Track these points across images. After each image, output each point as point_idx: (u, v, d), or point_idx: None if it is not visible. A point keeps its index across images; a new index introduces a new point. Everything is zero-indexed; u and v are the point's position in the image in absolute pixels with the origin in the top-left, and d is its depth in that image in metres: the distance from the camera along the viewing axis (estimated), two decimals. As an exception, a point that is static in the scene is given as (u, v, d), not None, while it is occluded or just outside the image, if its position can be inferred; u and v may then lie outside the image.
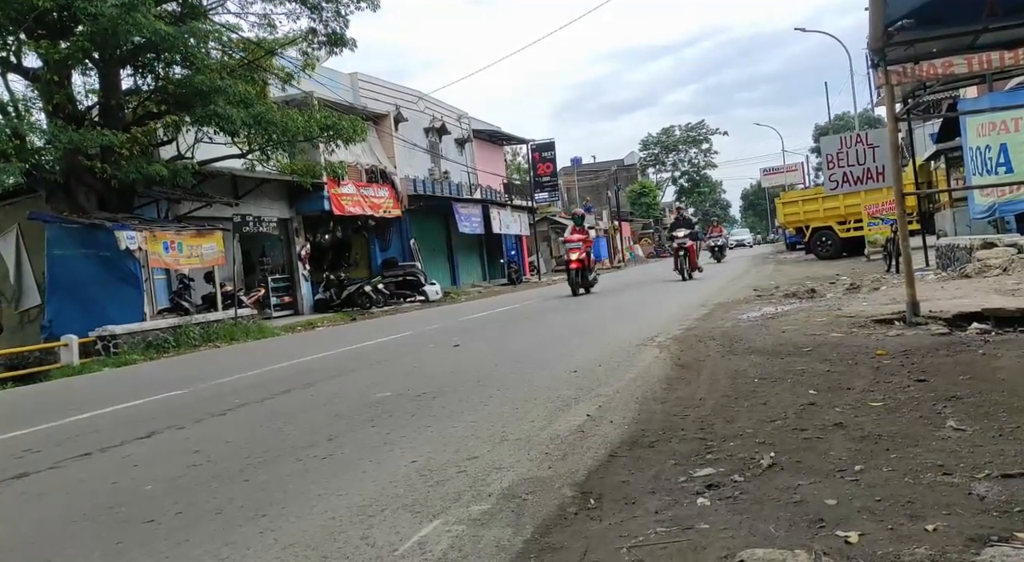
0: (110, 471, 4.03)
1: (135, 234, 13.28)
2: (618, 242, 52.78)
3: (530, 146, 40.97)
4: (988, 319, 5.94)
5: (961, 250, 11.10)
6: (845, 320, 6.93)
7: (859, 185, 7.45)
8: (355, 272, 23.20)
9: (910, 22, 5.99)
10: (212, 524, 2.93)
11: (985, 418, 3.29)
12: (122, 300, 13.39)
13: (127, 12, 11.85)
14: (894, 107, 6.86)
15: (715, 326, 7.67)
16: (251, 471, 3.69)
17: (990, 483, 2.51)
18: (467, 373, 6.31)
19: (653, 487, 2.84)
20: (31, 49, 12.93)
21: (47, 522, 3.21)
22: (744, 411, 3.87)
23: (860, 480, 2.67)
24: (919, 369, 4.45)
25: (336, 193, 20.93)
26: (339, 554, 2.47)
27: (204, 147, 15.61)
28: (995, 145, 10.97)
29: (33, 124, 13.07)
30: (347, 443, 4.09)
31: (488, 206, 31.10)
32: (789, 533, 2.26)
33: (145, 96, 14.76)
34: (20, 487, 3.87)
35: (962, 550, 2.02)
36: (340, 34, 16.51)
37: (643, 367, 5.63)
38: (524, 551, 2.36)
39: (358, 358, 8.51)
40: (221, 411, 5.60)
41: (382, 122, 25.60)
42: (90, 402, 6.92)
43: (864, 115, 45.08)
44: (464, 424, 4.25)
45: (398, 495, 3.04)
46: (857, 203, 20.57)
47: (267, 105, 15.07)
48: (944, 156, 17.89)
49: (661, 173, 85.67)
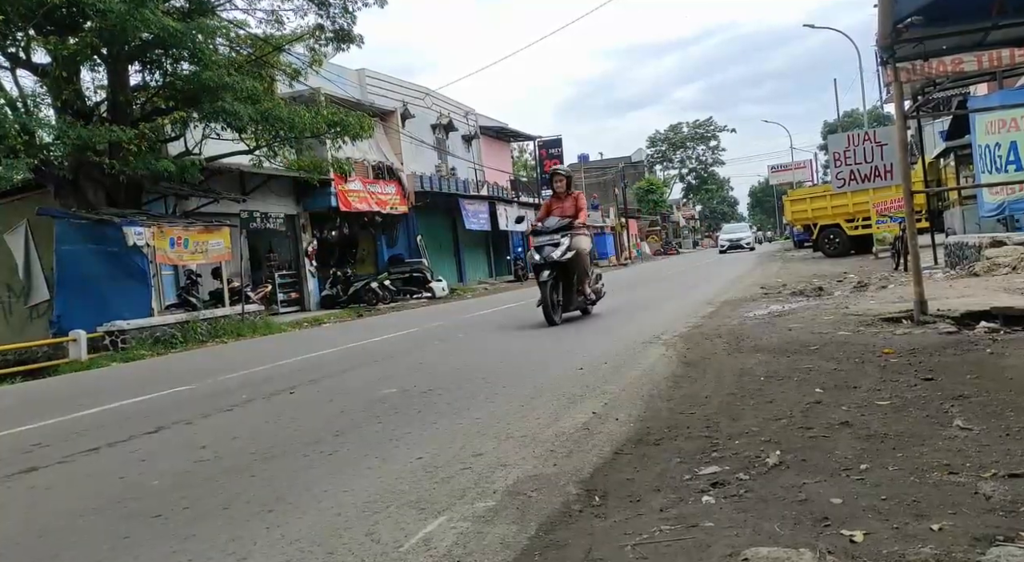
0: (118, 466, 4.06)
1: (143, 230, 13.33)
2: (625, 239, 52.69)
3: (537, 143, 40.96)
4: (997, 318, 5.91)
5: (970, 248, 11.04)
6: (852, 318, 6.91)
7: (866, 183, 7.43)
8: (361, 268, 23.26)
9: (919, 19, 5.95)
10: (218, 519, 2.94)
11: (992, 417, 3.28)
12: (130, 295, 13.46)
13: (135, 8, 11.89)
14: (903, 104, 6.83)
15: (722, 324, 7.66)
16: (257, 467, 3.71)
17: (996, 483, 2.50)
18: (473, 370, 6.31)
19: (658, 485, 2.84)
20: (40, 45, 12.98)
21: (55, 516, 3.23)
22: (750, 409, 3.86)
23: (866, 479, 2.66)
24: (926, 368, 4.43)
25: (343, 189, 20.97)
26: (344, 550, 2.48)
27: (212, 143, 15.65)
28: (1005, 143, 10.91)
29: (42, 120, 13.13)
30: (353, 439, 4.10)
31: (495, 203, 31.11)
32: (794, 532, 2.26)
33: (153, 92, 14.80)
34: (29, 481, 3.89)
35: (967, 549, 2.01)
36: (347, 30, 16.53)
37: (649, 365, 5.63)
38: (528, 548, 2.36)
39: (364, 354, 8.52)
40: (228, 407, 5.62)
41: (389, 118, 25.61)
42: (98, 397, 6.96)
43: (873, 112, 44.92)
44: (469, 421, 4.26)
45: (403, 491, 3.04)
46: (866, 201, 20.50)
47: (274, 101, 15.09)
48: (953, 154, 17.82)
49: (668, 170, 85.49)
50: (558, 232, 9.07)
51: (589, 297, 9.62)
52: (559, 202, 9.57)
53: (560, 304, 9.17)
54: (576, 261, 9.05)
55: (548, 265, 8.85)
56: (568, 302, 9.31)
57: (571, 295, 9.28)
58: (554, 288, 8.96)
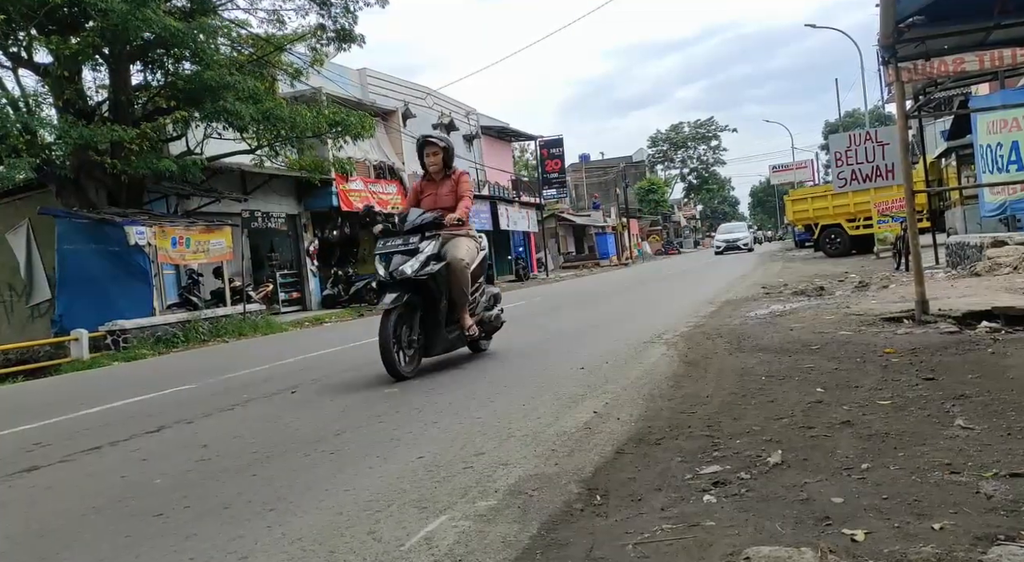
0: (119, 465, 4.06)
1: (144, 229, 13.35)
2: (626, 239, 52.73)
3: (538, 142, 40.97)
4: (998, 317, 5.91)
5: (971, 248, 11.04)
6: (854, 318, 6.90)
7: (867, 183, 7.42)
8: (363, 268, 23.25)
9: (921, 19, 5.95)
10: (220, 518, 2.94)
11: (994, 417, 3.28)
12: (132, 295, 13.48)
13: (137, 8, 11.91)
14: (905, 104, 6.82)
15: (723, 323, 7.66)
16: (258, 466, 3.71)
17: (998, 482, 2.50)
18: (473, 369, 6.31)
19: (659, 484, 2.84)
20: (42, 44, 13.00)
21: (57, 515, 3.24)
22: (751, 409, 3.86)
23: (867, 478, 2.66)
24: (928, 367, 4.43)
25: (344, 189, 20.98)
26: (346, 549, 2.48)
27: (213, 143, 15.67)
28: (1006, 143, 10.91)
29: (44, 119, 13.15)
30: (354, 438, 4.10)
31: (496, 202, 31.12)
32: (795, 531, 2.26)
33: (155, 92, 14.82)
34: (30, 480, 3.90)
35: (969, 549, 2.01)
36: (349, 30, 16.54)
37: (650, 364, 5.63)
38: (530, 547, 2.36)
39: (365, 354, 8.52)
40: (229, 406, 5.63)
41: (390, 118, 25.63)
42: (100, 396, 6.97)
43: (875, 112, 44.87)
44: (470, 420, 4.26)
45: (404, 491, 3.04)
46: (867, 201, 20.49)
47: (276, 101, 15.11)
48: (955, 153, 17.80)
49: (670, 170, 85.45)
50: (418, 233, 6.05)
51: (470, 332, 6.41)
52: (433, 187, 6.62)
53: (418, 345, 6.10)
54: (447, 278, 6.11)
55: (397, 284, 5.90)
56: (433, 341, 6.21)
57: (438, 331, 6.17)
58: (404, 320, 5.93)
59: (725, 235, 45.87)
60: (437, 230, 6.19)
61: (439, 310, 6.16)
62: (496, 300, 7.24)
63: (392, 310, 5.82)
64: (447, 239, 6.27)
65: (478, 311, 6.74)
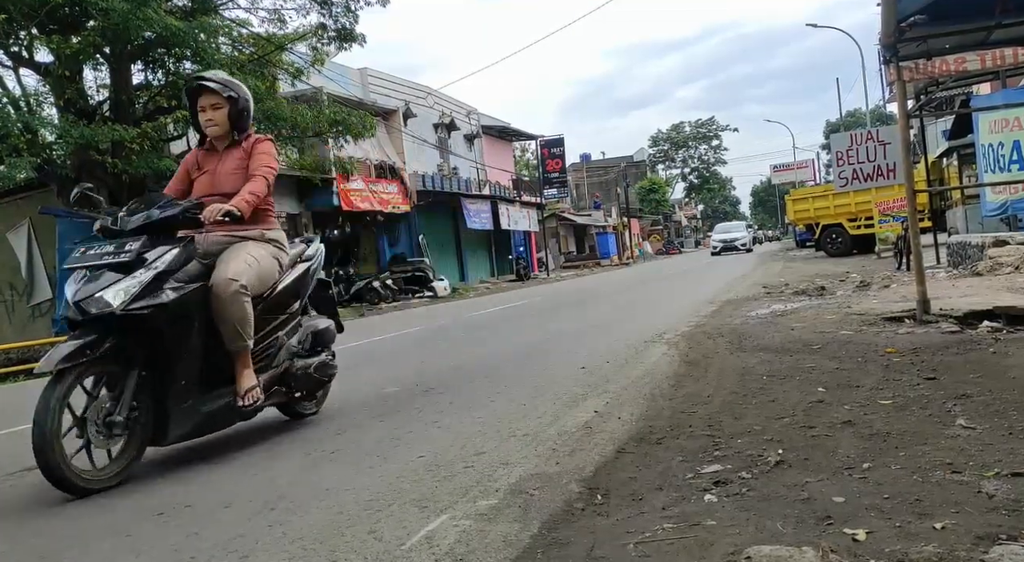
0: (120, 464, 4.05)
1: (145, 229, 13.32)
2: (627, 239, 52.74)
3: (539, 142, 41.00)
4: (999, 317, 5.90)
5: (973, 248, 11.03)
6: (855, 318, 6.90)
7: (868, 182, 7.40)
8: (364, 268, 23.29)
9: (923, 18, 5.94)
10: (221, 517, 2.94)
11: (995, 416, 3.27)
12: (132, 294, 13.44)
13: (138, 7, 11.90)
14: (906, 104, 6.82)
15: (724, 323, 7.65)
16: (259, 465, 3.71)
17: (999, 481, 2.49)
18: (474, 369, 6.31)
19: (660, 483, 2.84)
20: (43, 44, 13.01)
21: (56, 514, 3.24)
22: (752, 408, 3.86)
23: (868, 478, 2.66)
24: (929, 367, 4.42)
25: (345, 188, 21.00)
26: (347, 548, 2.48)
27: (214, 142, 15.64)
28: (1008, 142, 10.90)
29: (44, 119, 13.15)
30: (354, 438, 4.10)
31: (497, 202, 31.15)
32: (796, 530, 2.26)
33: (156, 91, 14.82)
34: (30, 479, 3.90)
35: (970, 548, 2.01)
36: (350, 29, 16.53)
37: (651, 363, 5.63)
38: (531, 546, 2.36)
39: (365, 353, 8.53)
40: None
41: (391, 118, 25.64)
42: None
43: (876, 111, 44.85)
44: (471, 419, 4.26)
45: (405, 490, 3.04)
46: (868, 200, 20.48)
47: (277, 100, 15.11)
48: (956, 153, 17.79)
49: (671, 170, 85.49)
50: (146, 233, 3.72)
51: (246, 400, 3.90)
52: (213, 160, 4.31)
53: (137, 427, 3.59)
54: (201, 312, 3.74)
55: (83, 323, 3.52)
56: (170, 418, 3.66)
57: (183, 400, 3.68)
58: (105, 383, 3.59)
59: (722, 235, 43.62)
60: (192, 229, 3.92)
61: (179, 367, 3.64)
62: (321, 339, 4.59)
63: (67, 370, 3.35)
64: (217, 245, 3.96)
65: (278, 361, 4.24)
